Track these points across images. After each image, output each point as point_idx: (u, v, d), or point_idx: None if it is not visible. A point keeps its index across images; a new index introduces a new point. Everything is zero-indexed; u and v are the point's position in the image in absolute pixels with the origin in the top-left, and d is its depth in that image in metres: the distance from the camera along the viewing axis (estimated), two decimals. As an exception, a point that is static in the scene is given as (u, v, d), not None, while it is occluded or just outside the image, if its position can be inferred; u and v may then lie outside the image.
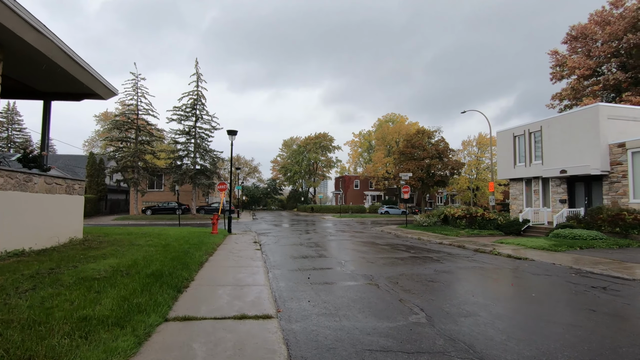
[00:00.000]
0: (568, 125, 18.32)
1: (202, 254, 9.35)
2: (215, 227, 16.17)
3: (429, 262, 9.63)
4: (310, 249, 12.47)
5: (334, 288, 6.43)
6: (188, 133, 34.87)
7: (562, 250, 11.83)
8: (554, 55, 33.40)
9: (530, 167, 20.66)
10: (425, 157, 44.48)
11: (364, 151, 77.78)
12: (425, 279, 7.23)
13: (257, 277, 7.07)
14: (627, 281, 7.34)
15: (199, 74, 34.87)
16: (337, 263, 9.29)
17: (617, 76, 27.12)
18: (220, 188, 18.57)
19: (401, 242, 15.40)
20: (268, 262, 9.55)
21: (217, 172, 37.06)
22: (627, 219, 13.94)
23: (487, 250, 12.47)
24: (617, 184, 16.32)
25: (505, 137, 22.85)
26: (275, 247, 13.13)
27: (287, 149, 74.94)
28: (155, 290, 5.20)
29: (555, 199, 19.43)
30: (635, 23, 26.34)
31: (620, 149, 16.17)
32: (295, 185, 72.09)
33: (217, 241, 12.89)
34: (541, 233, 16.86)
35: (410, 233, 19.08)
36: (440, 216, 21.88)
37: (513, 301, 5.59)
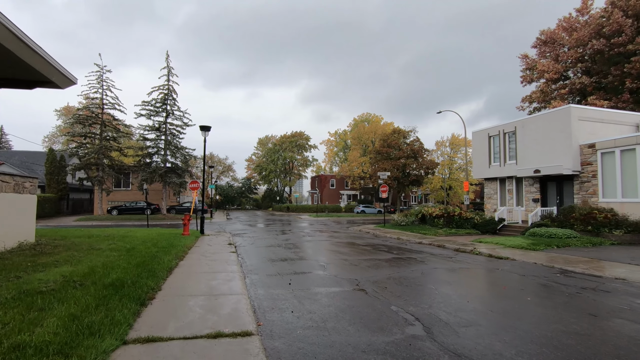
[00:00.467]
0: (541, 126, 18.73)
1: (171, 258, 8.55)
2: (186, 228, 15.23)
3: (414, 264, 9.31)
4: (288, 250, 11.88)
5: (319, 295, 5.90)
6: (158, 129, 33.22)
7: (540, 249, 11.90)
8: (524, 59, 34.47)
9: (505, 167, 21.02)
10: (401, 157, 44.85)
11: (339, 150, 77.79)
12: (414, 283, 6.85)
13: (234, 285, 6.42)
14: (612, 280, 7.29)
15: (170, 67, 33.30)
16: (319, 266, 8.77)
17: (583, 80, 28.28)
18: (192, 187, 17.58)
19: (381, 242, 15.10)
20: (244, 266, 8.88)
21: (189, 171, 35.61)
22: (598, 218, 14.31)
23: (468, 250, 12.36)
24: (587, 184, 16.80)
25: (480, 138, 23.17)
26: (252, 249, 12.44)
27: (263, 147, 73.67)
28: (114, 304, 4.46)
29: (528, 198, 19.85)
30: (599, 30, 27.54)
31: (591, 149, 16.65)
32: (271, 184, 71.00)
33: (188, 243, 12.04)
34: (516, 232, 17.10)
35: (389, 232, 18.88)
36: (417, 215, 21.87)
37: (510, 307, 5.27)
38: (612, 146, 15.77)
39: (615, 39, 26.28)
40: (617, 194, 15.53)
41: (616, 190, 15.60)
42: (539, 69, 31.08)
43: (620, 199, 15.39)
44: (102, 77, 31.61)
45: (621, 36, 26.01)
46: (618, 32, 26.24)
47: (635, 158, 14.92)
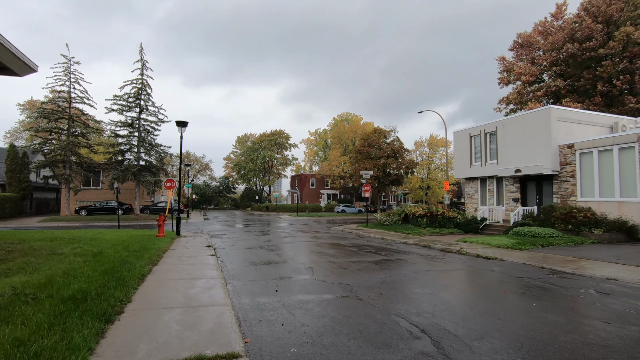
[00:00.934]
0: (522, 126, 18.95)
1: (144, 263, 7.79)
2: (161, 229, 14.31)
3: (405, 266, 8.95)
4: (272, 252, 11.28)
5: (310, 304, 5.37)
6: (131, 125, 31.62)
7: (526, 249, 11.86)
8: (502, 61, 35.15)
9: (486, 167, 21.19)
10: (382, 156, 44.92)
11: (319, 150, 77.46)
12: (410, 288, 6.45)
13: (215, 293, 5.80)
14: (605, 281, 7.17)
15: (144, 60, 31.77)
16: (306, 269, 8.24)
17: (558, 83, 29.08)
18: (168, 185, 16.62)
19: (366, 242, 14.73)
20: (225, 270, 8.23)
21: (164, 169, 34.16)
22: (578, 217, 14.51)
23: (455, 250, 12.18)
24: (566, 183, 17.09)
25: (461, 137, 23.30)
26: (232, 251, 11.74)
27: (241, 146, 72.21)
28: (73, 323, 3.78)
29: (509, 197, 20.07)
30: (573, 35, 28.39)
31: (570, 149, 16.95)
32: (250, 183, 69.71)
33: (163, 246, 11.21)
34: (499, 231, 17.18)
35: (372, 232, 18.58)
36: (400, 215, 21.71)
37: (517, 314, 4.93)
38: (591, 147, 16.09)
39: (587, 43, 27.14)
40: (595, 194, 15.86)
41: (594, 190, 15.92)
42: (516, 71, 31.76)
43: (598, 198, 15.71)
44: (69, 69, 29.75)
45: (592, 41, 26.89)
46: (589, 37, 27.12)
47: (612, 158, 15.25)
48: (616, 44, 25.57)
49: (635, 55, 25.68)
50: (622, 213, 14.56)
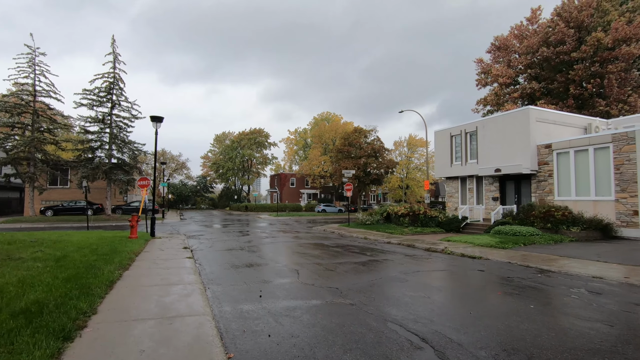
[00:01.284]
0: (501, 126, 19.21)
1: (114, 268, 7.14)
2: (134, 230, 13.48)
3: (392, 266, 8.69)
4: (253, 254, 10.77)
5: (298, 311, 4.96)
6: (102, 121, 30.06)
7: (509, 247, 11.89)
8: (480, 63, 35.84)
9: (466, 166, 21.39)
10: (362, 156, 44.97)
11: (299, 149, 76.92)
12: (402, 291, 6.15)
13: (193, 301, 5.28)
14: (591, 279, 7.15)
15: (117, 54, 30.29)
16: (291, 272, 7.82)
17: (533, 85, 29.88)
18: (141, 184, 15.73)
19: (349, 242, 14.44)
20: (204, 274, 7.69)
21: (137, 167, 32.72)
22: (556, 216, 14.78)
23: (439, 249, 12.07)
24: (544, 183, 17.43)
25: (442, 137, 23.46)
26: (211, 253, 11.14)
27: (219, 144, 70.68)
28: (23, 343, 3.21)
29: (488, 196, 20.32)
30: (547, 39, 29.24)
31: (547, 149, 17.29)
32: (228, 182, 68.31)
33: (136, 248, 10.48)
34: (480, 230, 17.31)
35: (355, 232, 18.34)
36: (382, 214, 21.60)
37: (517, 317, 4.71)
38: (567, 147, 16.46)
39: (560, 47, 28.02)
40: (571, 193, 16.23)
41: (570, 189, 16.29)
42: (493, 73, 32.42)
43: (574, 197, 16.09)
44: (34, 61, 27.92)
45: (565, 45, 27.77)
46: (562, 42, 27.99)
47: (588, 158, 15.64)
48: (588, 49, 26.50)
49: (605, 60, 26.70)
50: (597, 212, 14.95)
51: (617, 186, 14.53)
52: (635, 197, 13.95)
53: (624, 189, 14.28)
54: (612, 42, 25.87)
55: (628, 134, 14.29)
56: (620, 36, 25.58)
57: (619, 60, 26.07)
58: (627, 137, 14.29)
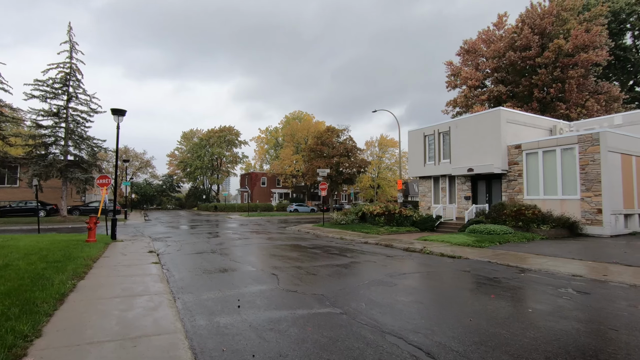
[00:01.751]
0: (474, 126, 19.55)
1: (66, 277, 6.25)
2: (92, 232, 12.30)
3: (376, 269, 8.34)
4: (226, 257, 10.06)
5: (284, 323, 4.43)
6: (57, 115, 27.75)
7: (486, 246, 11.95)
8: (449, 65, 36.68)
9: (440, 166, 21.64)
10: (335, 155, 44.83)
11: (270, 148, 75.80)
12: (393, 296, 5.77)
13: (161, 315, 4.61)
14: (573, 278, 7.15)
15: (74, 42, 28.10)
16: (269, 277, 7.24)
17: (500, 89, 30.92)
18: (101, 183, 14.45)
19: (327, 243, 14.02)
20: (173, 281, 6.95)
21: (97, 165, 30.54)
22: (527, 214, 15.15)
23: (418, 249, 11.91)
24: (514, 182, 17.89)
25: (416, 137, 23.62)
26: (179, 257, 10.30)
27: (187, 142, 68.11)
28: None
29: (460, 195, 20.65)
30: (513, 44, 30.36)
31: (517, 150, 17.76)
32: (196, 182, 65.96)
33: (94, 253, 9.46)
34: (454, 229, 17.49)
35: (331, 232, 17.96)
36: (357, 214, 21.39)
37: (523, 324, 4.44)
38: (536, 147, 16.97)
39: (526, 52, 29.17)
40: (540, 192, 16.75)
41: (539, 188, 16.81)
42: (463, 76, 33.26)
43: (543, 196, 16.61)
44: (-24, 46, 25.22)
45: (530, 50, 28.95)
46: (528, 47, 29.16)
47: (555, 159, 16.19)
48: (550, 54, 27.74)
49: (565, 66, 28.08)
50: (564, 210, 15.49)
51: (582, 185, 15.12)
52: (599, 196, 14.55)
53: (589, 188, 14.88)
54: (572, 49, 27.24)
55: (593, 136, 14.90)
56: (579, 43, 26.98)
57: (578, 66, 27.49)
58: (592, 138, 14.89)
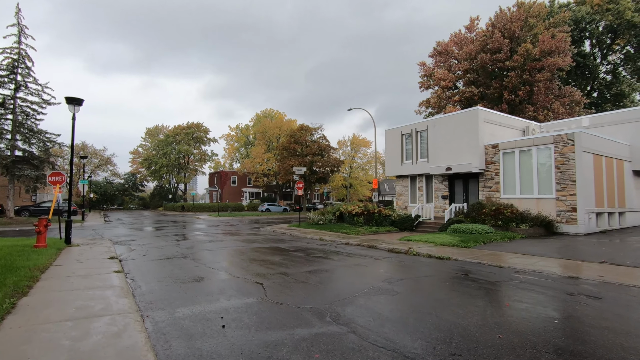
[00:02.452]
0: (451, 126, 19.54)
1: (2, 295, 5.09)
2: (42, 237, 10.79)
3: (368, 273, 7.72)
4: (200, 264, 9.05)
5: (283, 349, 3.65)
6: (2, 105, 24.99)
7: (471, 246, 11.71)
8: (423, 66, 37.09)
9: (417, 165, 21.51)
10: (308, 154, 44.09)
11: (240, 146, 73.84)
12: (399, 307, 5.15)
13: (127, 345, 3.67)
14: (567, 280, 6.90)
15: (22, 26, 25.47)
16: (255, 287, 6.41)
17: (472, 90, 31.55)
18: (53, 181, 12.82)
19: (307, 244, 13.27)
20: (139, 294, 5.94)
21: (50, 161, 27.92)
22: (506, 213, 15.21)
23: (403, 250, 11.46)
24: (490, 181, 18.02)
25: (393, 136, 23.40)
26: (146, 264, 9.16)
27: (152, 138, 64.73)
28: None
29: (438, 195, 20.62)
30: (485, 46, 31.07)
31: (494, 149, 17.89)
32: (162, 180, 62.81)
33: (43, 262, 8.14)
34: (433, 228, 17.32)
35: (309, 233, 17.24)
36: (335, 213, 20.80)
37: (557, 338, 3.95)
38: (513, 147, 17.14)
39: (497, 55, 29.93)
40: (516, 191, 16.94)
41: (515, 187, 17.00)
42: (436, 76, 33.67)
43: (519, 195, 16.81)
44: None
45: (501, 53, 29.73)
46: (499, 50, 29.93)
47: (531, 158, 16.40)
48: (519, 58, 28.60)
49: (533, 69, 29.07)
50: (539, 209, 15.71)
51: (557, 185, 15.39)
52: (574, 195, 14.85)
53: (564, 188, 15.16)
54: (540, 53, 28.24)
55: (568, 136, 15.19)
56: (546, 48, 28.00)
57: (545, 70, 28.54)
58: (567, 138, 15.18)
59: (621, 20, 31.66)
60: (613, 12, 31.99)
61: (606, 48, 35.13)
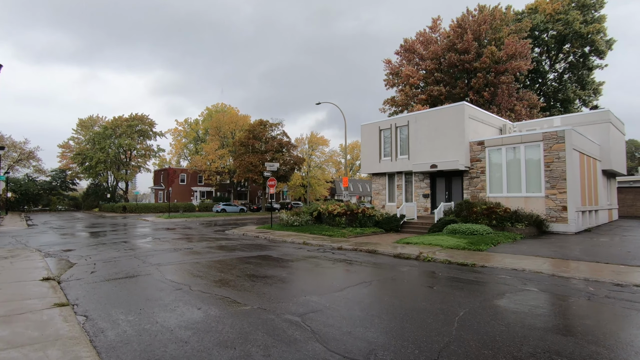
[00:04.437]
0: (434, 121, 18.71)
1: None
2: None
3: (407, 291, 6.08)
4: (180, 284, 6.72)
5: None
6: None
7: (485, 249, 10.62)
8: (388, 64, 36.57)
9: (397, 162, 20.45)
10: (269, 150, 41.61)
11: (189, 142, 68.72)
12: (447, 339, 3.53)
13: None
14: (624, 286, 5.88)
15: None
16: (301, 331, 4.40)
17: (440, 89, 31.56)
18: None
19: (297, 251, 11.29)
20: (106, 348, 3.65)
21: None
22: (499, 212, 14.55)
23: (413, 256, 10.03)
24: (476, 179, 17.43)
25: (370, 131, 22.15)
26: (100, 286, 6.59)
27: (86, 131, 57.34)
28: None
29: (418, 193, 19.72)
30: (452, 46, 31.23)
31: (480, 146, 17.33)
32: (98, 178, 55.91)
33: None
34: (421, 228, 16.26)
35: (288, 236, 15.22)
36: (312, 214, 18.95)
37: None
38: (500, 144, 16.67)
39: (464, 55, 30.20)
40: (503, 189, 16.47)
41: (502, 186, 16.53)
42: (404, 73, 33.23)
43: (506, 194, 16.35)
44: None
45: (469, 54, 30.02)
46: (467, 51, 30.19)
47: (519, 156, 16.01)
48: (486, 59, 29.06)
49: (498, 72, 29.75)
50: (528, 208, 15.32)
51: (547, 183, 15.10)
52: (564, 193, 14.61)
53: (554, 186, 14.89)
54: (505, 57, 28.93)
55: (558, 133, 14.94)
56: (510, 52, 28.75)
57: (509, 73, 29.33)
58: (557, 136, 14.93)
59: (569, 30, 33.79)
60: (563, 21, 34.06)
61: (554, 56, 37.46)
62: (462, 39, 30.30)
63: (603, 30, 33.85)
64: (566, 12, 34.04)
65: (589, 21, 34.21)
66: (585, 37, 33.67)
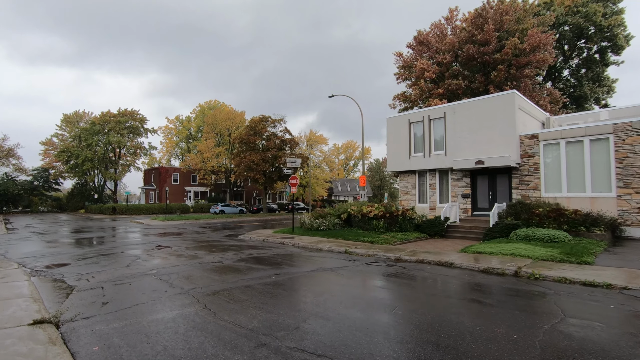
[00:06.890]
0: (477, 112, 16.71)
1: None
2: None
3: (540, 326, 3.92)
4: (245, 334, 4.41)
5: None
6: None
7: (593, 263, 8.57)
8: (400, 57, 34.59)
9: (430, 158, 18.38)
10: (271, 147, 39.13)
11: (181, 140, 65.62)
12: None
13: None
14: None
15: None
16: None
17: (459, 82, 29.70)
18: None
19: (350, 263, 9.02)
20: None
21: None
22: (569, 215, 12.59)
23: (510, 271, 7.93)
24: (528, 177, 15.48)
25: (397, 125, 20.04)
26: (123, 335, 4.20)
27: (71, 127, 53.72)
28: None
29: (456, 193, 17.70)
30: (471, 37, 29.43)
31: (533, 140, 15.39)
32: (85, 177, 52.36)
33: None
34: (471, 233, 14.19)
35: (320, 242, 12.96)
36: (341, 216, 16.69)
37: None
38: (558, 137, 14.75)
39: (484, 47, 28.41)
40: (562, 188, 14.56)
41: (561, 184, 14.62)
42: (419, 67, 31.25)
43: (566, 193, 14.44)
44: None
45: (489, 46, 28.25)
46: (487, 42, 28.42)
47: (582, 150, 14.11)
48: (509, 51, 27.33)
49: (520, 65, 28.06)
50: (594, 209, 13.40)
51: (619, 181, 13.21)
52: (641, 193, 12.76)
53: (628, 185, 13.02)
54: (529, 48, 27.25)
55: (633, 124, 13.07)
56: (535, 43, 27.09)
57: (532, 66, 27.67)
58: (632, 127, 13.05)
59: (589, 23, 32.43)
60: (582, 14, 32.68)
61: (570, 51, 36.14)
62: (482, 29, 28.51)
63: (623, 24, 32.61)
64: (584, 4, 32.68)
65: (608, 14, 32.93)
66: (606, 31, 32.35)
